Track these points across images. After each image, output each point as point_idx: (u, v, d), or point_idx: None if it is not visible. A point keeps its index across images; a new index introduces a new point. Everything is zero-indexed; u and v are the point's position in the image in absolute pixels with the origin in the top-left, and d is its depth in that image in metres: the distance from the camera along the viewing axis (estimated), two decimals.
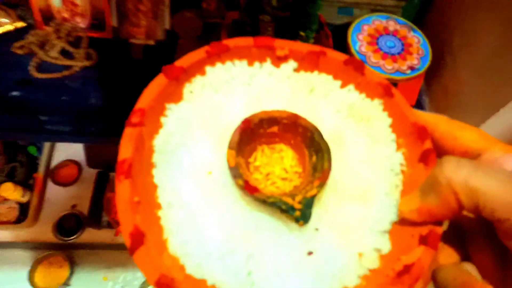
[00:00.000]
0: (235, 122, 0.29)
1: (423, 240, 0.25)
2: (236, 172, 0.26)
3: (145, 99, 0.27)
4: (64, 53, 0.74)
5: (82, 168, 1.22)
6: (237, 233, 0.26)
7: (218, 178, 0.28)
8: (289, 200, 0.25)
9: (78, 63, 0.72)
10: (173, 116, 0.29)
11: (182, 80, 0.29)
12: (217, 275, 0.24)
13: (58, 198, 1.15)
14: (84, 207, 1.12)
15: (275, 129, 0.30)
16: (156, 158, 0.27)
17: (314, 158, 0.28)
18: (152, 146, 0.27)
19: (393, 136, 0.30)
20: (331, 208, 0.28)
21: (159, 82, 0.28)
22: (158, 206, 0.26)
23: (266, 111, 0.29)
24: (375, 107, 0.31)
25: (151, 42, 0.71)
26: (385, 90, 0.31)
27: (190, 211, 0.26)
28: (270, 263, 0.25)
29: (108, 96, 0.68)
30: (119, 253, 1.13)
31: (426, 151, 0.28)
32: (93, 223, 1.09)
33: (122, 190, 0.24)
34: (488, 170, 0.22)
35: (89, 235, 1.11)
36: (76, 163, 1.23)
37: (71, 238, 1.11)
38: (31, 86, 0.70)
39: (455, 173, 0.22)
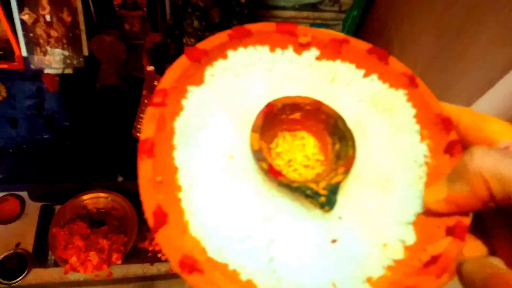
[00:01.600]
0: (256, 107, 0.28)
1: (450, 231, 0.24)
2: (260, 156, 0.25)
3: (168, 79, 0.27)
4: None
5: (24, 202, 1.03)
6: (259, 218, 0.25)
7: (239, 162, 0.27)
8: (313, 186, 0.25)
9: None
10: (194, 99, 0.28)
11: (204, 62, 0.29)
12: (238, 259, 0.23)
13: None
14: (29, 245, 0.98)
15: (297, 115, 0.29)
16: (176, 139, 0.27)
17: (337, 145, 0.28)
18: (173, 128, 0.27)
19: (417, 127, 0.30)
20: (354, 196, 0.27)
21: (181, 63, 0.28)
22: (179, 188, 0.25)
23: (289, 97, 0.28)
24: (399, 97, 0.30)
25: (69, 71, 0.64)
26: (410, 80, 0.30)
27: (211, 194, 0.25)
28: (292, 249, 0.24)
29: (20, 138, 0.60)
30: None
31: (452, 142, 0.27)
32: (39, 262, 0.96)
33: (145, 168, 0.23)
34: None
35: (36, 275, 0.97)
36: (17, 197, 1.03)
37: (16, 281, 0.95)
38: None
39: (486, 161, 0.22)
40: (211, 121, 0.28)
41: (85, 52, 0.64)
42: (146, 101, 0.58)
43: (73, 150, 0.56)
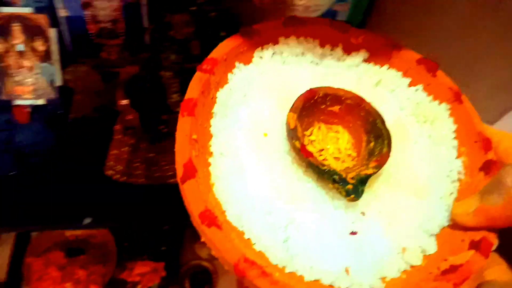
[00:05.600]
0: (297, 93, 0.28)
1: (475, 246, 0.23)
2: (294, 134, 0.26)
3: (219, 50, 0.28)
4: None
5: None
6: (283, 196, 0.25)
7: (273, 140, 0.27)
8: (342, 173, 0.25)
9: None
10: (240, 75, 0.29)
11: (256, 43, 0.30)
12: (254, 230, 0.24)
13: None
14: (1, 274, 0.86)
15: (336, 108, 0.29)
16: (216, 109, 0.27)
17: (372, 144, 0.28)
18: (215, 97, 0.28)
19: (455, 142, 0.29)
20: (381, 196, 0.27)
21: (234, 39, 0.29)
22: (210, 154, 0.26)
23: (332, 87, 0.29)
24: (441, 110, 0.30)
25: (41, 102, 0.58)
26: (455, 96, 0.30)
27: (240, 164, 0.26)
28: (309, 233, 0.24)
29: None
30: None
31: (489, 161, 0.27)
32: None
33: (184, 124, 0.24)
34: None
35: None
36: None
37: None
38: None
39: None
40: (251, 99, 0.29)
41: (59, 82, 0.59)
42: (118, 137, 0.56)
43: (42, 188, 0.53)
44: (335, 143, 0.29)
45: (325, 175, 0.25)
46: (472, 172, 0.28)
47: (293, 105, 0.27)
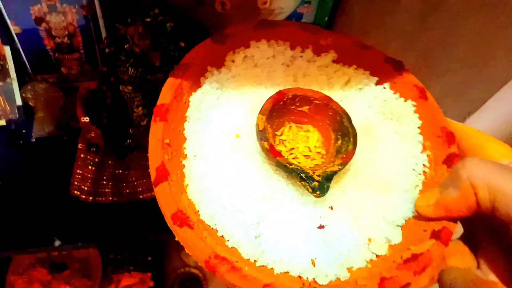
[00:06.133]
0: (268, 95, 0.30)
1: (435, 235, 0.25)
2: (263, 135, 0.27)
3: (191, 56, 0.29)
4: None
5: None
6: (254, 195, 0.27)
7: (244, 141, 0.29)
8: (309, 172, 0.26)
9: None
10: (212, 79, 0.30)
11: (227, 48, 0.31)
12: (227, 228, 0.25)
13: None
14: None
15: (305, 108, 0.31)
16: (190, 112, 0.29)
17: (339, 141, 0.29)
18: (188, 102, 0.29)
19: (420, 137, 0.30)
20: (348, 191, 0.28)
21: (206, 44, 0.30)
22: (184, 156, 0.27)
23: (301, 88, 0.30)
24: (407, 107, 0.31)
25: (1, 123, 0.58)
26: (420, 93, 0.31)
27: (212, 166, 0.27)
28: (280, 229, 0.26)
29: None
30: None
31: (452, 155, 0.28)
32: None
33: (156, 129, 0.25)
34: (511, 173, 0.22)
35: None
36: None
37: None
38: None
39: (477, 169, 0.22)
40: (224, 102, 0.30)
41: (18, 101, 0.58)
42: (82, 155, 0.54)
43: (5, 211, 0.51)
44: (305, 142, 0.30)
45: (293, 173, 0.26)
46: (436, 166, 0.29)
47: (262, 107, 0.28)
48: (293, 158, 0.29)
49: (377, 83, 0.33)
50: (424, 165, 0.30)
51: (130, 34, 0.48)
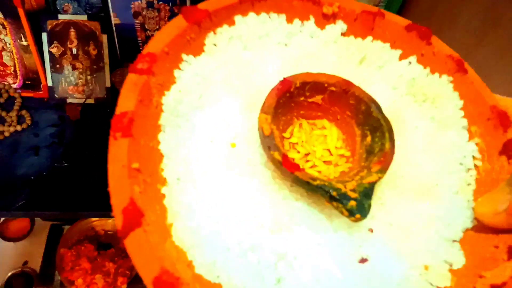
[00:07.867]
0: (267, 87, 0.22)
1: None
2: (271, 143, 0.19)
3: (157, 42, 0.21)
4: None
5: (34, 221, 1.02)
6: (265, 226, 0.19)
7: (243, 152, 0.21)
8: (340, 187, 0.19)
9: (9, 128, 0.64)
10: (190, 71, 0.22)
11: (205, 27, 0.23)
12: (236, 278, 0.17)
13: (7, 255, 0.99)
14: (36, 263, 0.95)
15: (318, 99, 0.23)
16: (164, 120, 0.21)
17: (368, 138, 0.22)
18: (161, 104, 0.21)
19: (464, 122, 0.24)
20: (388, 205, 0.21)
21: (176, 24, 0.22)
22: (163, 181, 0.20)
23: (311, 73, 0.23)
24: (443, 85, 0.25)
25: (91, 101, 0.67)
26: (457, 65, 0.24)
27: (204, 190, 0.20)
28: (308, 269, 0.19)
29: (40, 165, 0.61)
30: None
31: (510, 141, 0.22)
32: (45, 283, 0.93)
33: (118, 150, 0.17)
34: None
35: None
36: None
37: None
38: None
39: None
40: (209, 101, 0.22)
41: (107, 83, 0.67)
42: None
43: (88, 178, 0.58)
44: (323, 143, 0.23)
45: (318, 191, 0.19)
46: (491, 157, 0.23)
47: (264, 103, 0.21)
48: (311, 167, 0.22)
49: (401, 57, 0.26)
50: (474, 156, 0.23)
51: None
